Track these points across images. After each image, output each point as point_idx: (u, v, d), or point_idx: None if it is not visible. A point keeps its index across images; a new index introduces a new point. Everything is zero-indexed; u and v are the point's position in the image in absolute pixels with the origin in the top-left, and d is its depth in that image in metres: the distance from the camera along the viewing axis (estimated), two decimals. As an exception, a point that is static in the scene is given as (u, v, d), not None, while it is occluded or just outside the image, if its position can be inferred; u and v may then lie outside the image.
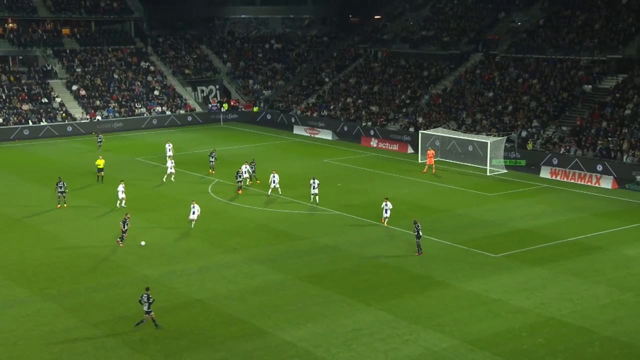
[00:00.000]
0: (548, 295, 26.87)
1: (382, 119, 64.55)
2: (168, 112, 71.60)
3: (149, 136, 64.82)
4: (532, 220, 36.90)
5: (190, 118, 72.20)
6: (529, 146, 49.98)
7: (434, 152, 49.51)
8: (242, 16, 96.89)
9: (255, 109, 75.60)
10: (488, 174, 48.19)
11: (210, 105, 75.33)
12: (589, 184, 44.73)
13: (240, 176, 42.65)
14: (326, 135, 63.91)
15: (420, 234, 31.31)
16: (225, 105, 74.74)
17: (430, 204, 39.77)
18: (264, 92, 78.75)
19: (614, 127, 50.21)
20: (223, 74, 79.96)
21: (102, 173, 45.12)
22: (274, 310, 25.91)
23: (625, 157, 47.20)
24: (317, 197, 39.61)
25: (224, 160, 53.52)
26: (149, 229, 35.84)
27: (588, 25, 61.59)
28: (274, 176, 41.90)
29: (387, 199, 35.79)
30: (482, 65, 65.51)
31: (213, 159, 48.44)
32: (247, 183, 44.43)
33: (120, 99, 71.22)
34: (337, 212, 38.81)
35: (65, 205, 39.32)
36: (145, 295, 24.41)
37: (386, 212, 35.38)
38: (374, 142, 59.62)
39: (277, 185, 41.80)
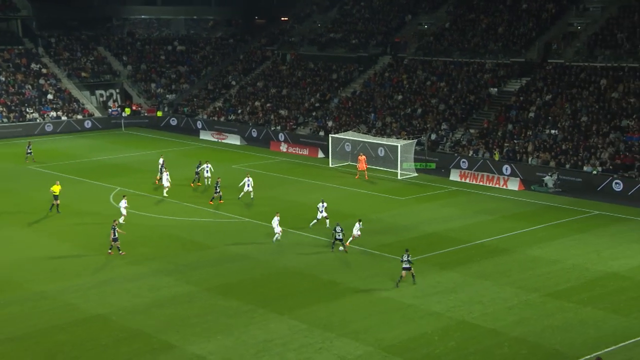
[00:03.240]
0: (459, 298, 27.75)
1: (291, 123, 64.85)
2: (64, 117, 69.29)
3: (43, 143, 62.44)
4: (442, 223, 38.02)
5: (89, 123, 70.16)
6: (496, 157, 49.47)
7: (365, 157, 49.78)
8: (143, 16, 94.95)
9: (159, 113, 74.30)
10: (399, 177, 49.29)
11: (110, 109, 73.47)
12: (497, 186, 46.55)
13: (217, 186, 41.26)
14: (234, 140, 63.58)
15: (340, 237, 32.57)
16: (127, 110, 73.09)
17: (342, 209, 40.26)
18: (167, 96, 77.52)
19: (519, 129, 52.50)
20: (123, 77, 78.12)
21: (58, 201, 39.19)
22: (182, 323, 25.55)
23: (530, 159, 49.42)
24: (327, 221, 36.23)
25: (130, 167, 52.40)
26: (44, 241, 34.55)
27: (492, 29, 64.18)
28: (248, 179, 41.63)
29: (360, 220, 33.98)
30: (390, 68, 67.00)
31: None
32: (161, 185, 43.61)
33: (8, 103, 68.27)
34: (246, 220, 38.68)
35: None
36: (406, 255, 28.47)
37: (356, 231, 33.74)
38: (283, 147, 59.78)
39: (251, 189, 41.41)
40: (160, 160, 47.30)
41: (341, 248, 33.24)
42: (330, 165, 53.25)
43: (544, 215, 39.73)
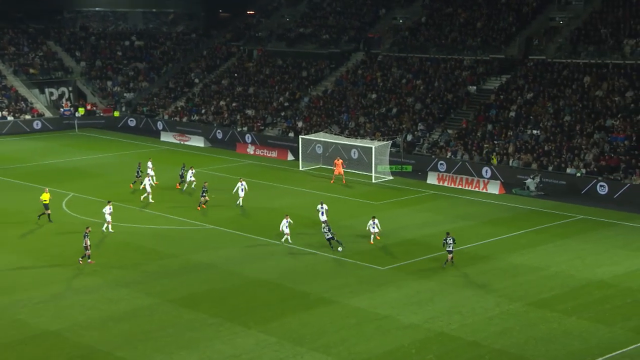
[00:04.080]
0: (437, 308, 27.96)
1: (259, 124, 64.80)
2: (10, 118, 68.44)
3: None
4: (419, 229, 38.27)
5: (39, 124, 69.41)
6: (494, 161, 49.06)
7: (342, 160, 49.89)
8: (97, 9, 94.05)
9: (116, 113, 73.73)
10: (373, 181, 49.52)
11: (62, 109, 72.73)
12: (477, 189, 47.00)
13: (204, 191, 41.68)
14: (198, 142, 63.33)
15: (330, 237, 34.05)
16: (81, 110, 72.44)
17: (312, 215, 40.26)
18: (125, 94, 76.94)
19: (499, 129, 53.08)
20: (76, 75, 77.37)
21: (49, 211, 38.42)
22: (142, 338, 25.36)
23: (511, 161, 49.98)
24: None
25: (84, 171, 52.07)
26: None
27: (470, 23, 64.83)
28: (241, 184, 41.81)
29: (374, 217, 35.93)
30: (364, 65, 67.31)
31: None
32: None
33: (-52, 101, 67.33)
34: (211, 227, 38.54)
35: None
36: (451, 238, 31.76)
37: (374, 228, 35.56)
38: (250, 149, 59.72)
39: (242, 194, 41.91)
40: (149, 164, 46.96)
41: (340, 248, 34.31)
42: (301, 169, 53.31)
43: (526, 220, 40.20)
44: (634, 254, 34.33)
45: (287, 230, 35.08)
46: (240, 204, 42.05)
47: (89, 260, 32.43)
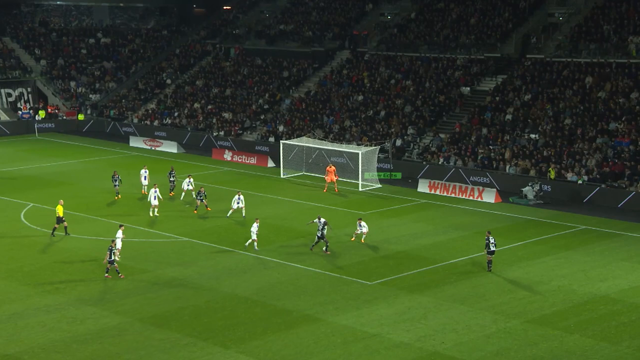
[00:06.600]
0: (430, 326, 28.03)
1: (236, 128, 64.80)
2: (-36, 121, 68.11)
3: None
4: (410, 241, 38.39)
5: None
6: (552, 174, 47.67)
7: (335, 168, 50.01)
8: (58, 2, 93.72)
9: (81, 116, 73.47)
10: (360, 189, 49.64)
11: (20, 112, 72.42)
12: (471, 198, 47.21)
13: (201, 194, 43.09)
14: (170, 147, 63.27)
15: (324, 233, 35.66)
16: (42, 113, 72.12)
17: (295, 226, 40.33)
18: (90, 96, 76.71)
19: (495, 133, 53.40)
20: (36, 74, 77.10)
21: (65, 223, 38.41)
22: (110, 361, 25.24)
23: (507, 168, 50.28)
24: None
25: (45, 179, 51.77)
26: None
27: (463, 19, 65.29)
28: (239, 197, 41.92)
29: (360, 219, 38.06)
30: (349, 64, 67.54)
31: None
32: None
33: None
34: (185, 239, 38.45)
35: None
36: (493, 238, 33.35)
37: (361, 228, 37.58)
38: (227, 155, 59.70)
39: (242, 205, 41.85)
40: (143, 172, 46.89)
41: (324, 248, 35.91)
42: (282, 176, 53.34)
43: (524, 231, 40.43)
44: (640, 267, 34.63)
45: (253, 236, 35.77)
46: (243, 215, 41.94)
47: (108, 275, 32.67)
